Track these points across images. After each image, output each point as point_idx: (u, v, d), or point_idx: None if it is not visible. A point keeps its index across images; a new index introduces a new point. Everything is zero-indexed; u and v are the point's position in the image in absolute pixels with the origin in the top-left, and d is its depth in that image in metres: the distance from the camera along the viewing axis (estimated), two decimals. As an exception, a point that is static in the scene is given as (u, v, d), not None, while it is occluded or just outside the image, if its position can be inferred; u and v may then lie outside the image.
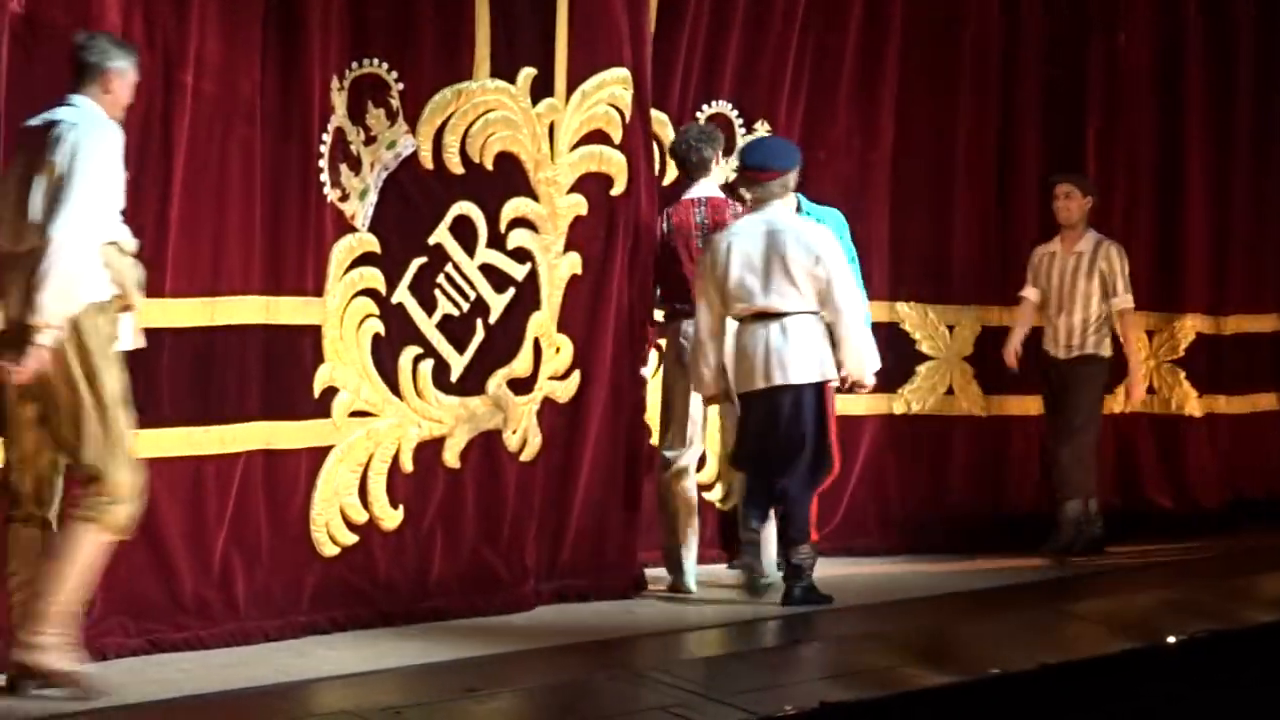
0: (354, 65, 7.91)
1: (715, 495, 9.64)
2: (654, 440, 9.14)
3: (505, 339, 8.43)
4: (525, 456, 8.54)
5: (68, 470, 6.57)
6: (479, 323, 8.33)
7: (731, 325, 8.64)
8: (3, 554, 6.61)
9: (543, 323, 8.58)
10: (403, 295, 8.11)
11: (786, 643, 7.78)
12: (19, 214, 6.44)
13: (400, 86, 8.07)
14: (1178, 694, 7.23)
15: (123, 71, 6.66)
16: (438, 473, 8.19)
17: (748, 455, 8.69)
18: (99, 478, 6.45)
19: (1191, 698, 7.24)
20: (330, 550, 7.85)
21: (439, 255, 8.24)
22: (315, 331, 7.78)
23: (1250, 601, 9.01)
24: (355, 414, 7.93)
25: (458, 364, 8.29)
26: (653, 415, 9.19)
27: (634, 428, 8.97)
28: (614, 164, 8.82)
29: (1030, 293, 10.51)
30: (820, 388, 8.55)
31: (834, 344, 8.55)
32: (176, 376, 7.36)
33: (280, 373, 7.69)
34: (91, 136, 6.45)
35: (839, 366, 8.58)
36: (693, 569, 9.01)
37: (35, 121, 6.56)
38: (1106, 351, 10.37)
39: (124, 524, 6.54)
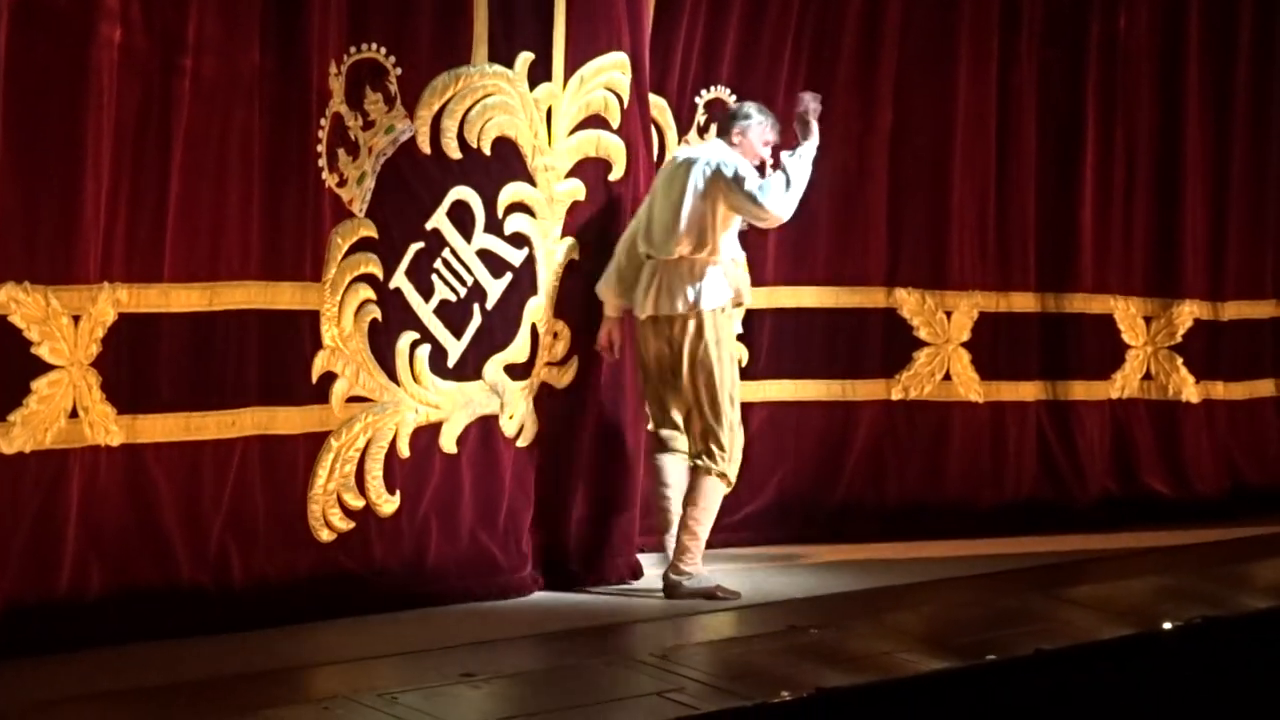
0: (352, 50, 7.90)
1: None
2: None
3: (502, 324, 8.42)
4: (522, 442, 8.54)
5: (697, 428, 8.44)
6: (476, 308, 8.32)
7: None
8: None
9: (540, 308, 8.57)
10: (400, 281, 8.11)
11: (783, 629, 7.78)
12: (669, 228, 8.37)
13: (398, 71, 8.06)
14: (1174, 680, 7.23)
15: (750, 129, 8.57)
16: (434, 458, 8.19)
17: None
18: (712, 438, 8.34)
19: (1187, 684, 7.24)
20: (327, 536, 7.84)
21: (436, 240, 8.23)
22: (313, 317, 7.78)
23: (1247, 588, 9.02)
24: (352, 399, 7.93)
25: (455, 349, 8.29)
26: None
27: (634, 414, 8.93)
28: (612, 149, 8.80)
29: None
30: None
31: None
32: (174, 361, 7.36)
33: (278, 358, 7.69)
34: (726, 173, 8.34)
35: None
36: None
37: (681, 157, 8.61)
38: None
39: (730, 478, 8.43)
